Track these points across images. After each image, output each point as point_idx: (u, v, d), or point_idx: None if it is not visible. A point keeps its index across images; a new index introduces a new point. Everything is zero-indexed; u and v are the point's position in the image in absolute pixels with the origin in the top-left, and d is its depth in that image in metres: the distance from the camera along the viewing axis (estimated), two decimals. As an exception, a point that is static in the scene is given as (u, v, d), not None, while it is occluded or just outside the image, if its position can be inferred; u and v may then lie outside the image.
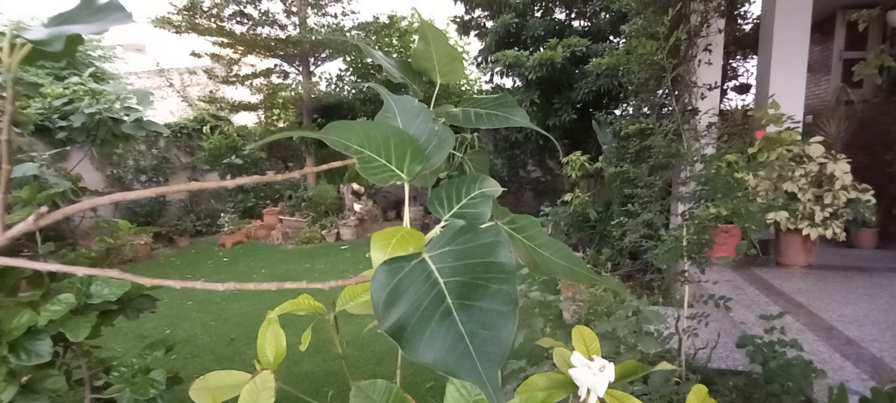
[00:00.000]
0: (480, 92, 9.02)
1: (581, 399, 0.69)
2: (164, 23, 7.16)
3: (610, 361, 0.68)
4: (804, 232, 3.84)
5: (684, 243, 2.35)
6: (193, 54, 7.99)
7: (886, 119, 5.12)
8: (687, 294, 2.44)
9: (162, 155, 8.35)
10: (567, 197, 5.54)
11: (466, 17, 7.93)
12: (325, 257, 6.62)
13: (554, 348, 0.78)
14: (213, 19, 7.29)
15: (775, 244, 4.19)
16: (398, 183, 0.31)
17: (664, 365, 0.68)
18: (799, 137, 4.05)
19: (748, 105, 5.55)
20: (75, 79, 6.88)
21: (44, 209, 0.38)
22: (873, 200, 3.79)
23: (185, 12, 7.09)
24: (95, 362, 1.34)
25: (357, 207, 7.76)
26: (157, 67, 9.53)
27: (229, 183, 0.44)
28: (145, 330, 4.20)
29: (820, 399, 2.07)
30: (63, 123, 6.44)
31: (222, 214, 7.96)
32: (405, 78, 0.59)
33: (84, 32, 0.32)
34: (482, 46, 7.90)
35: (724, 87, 7.20)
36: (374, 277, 0.25)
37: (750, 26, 5.38)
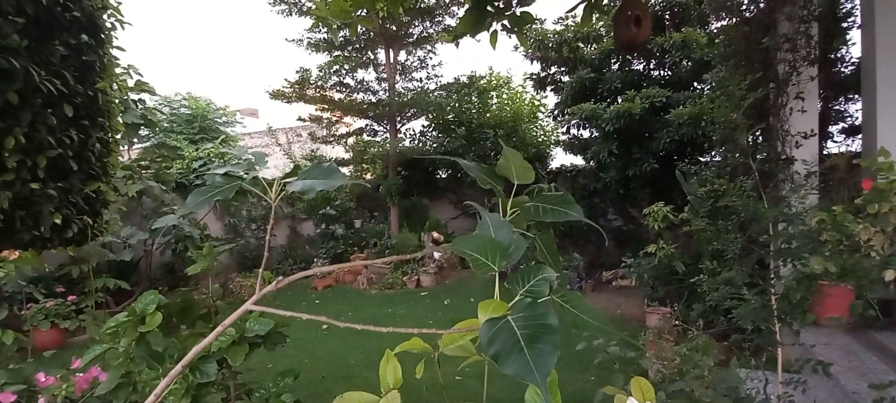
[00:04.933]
0: (557, 142, 9.14)
1: (635, 437, 0.83)
2: (278, 95, 8.38)
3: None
4: (934, 294, 3.40)
5: (773, 303, 2.26)
6: (299, 119, 9.18)
7: None
8: (780, 357, 2.31)
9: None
10: (651, 248, 5.38)
11: (542, 74, 8.23)
12: (406, 303, 6.96)
13: (616, 394, 0.92)
14: (318, 90, 8.38)
15: (899, 306, 3.73)
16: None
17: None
18: (918, 186, 3.66)
19: (856, 149, 5.09)
20: (209, 144, 8.27)
21: (281, 278, 0.65)
22: None
23: (296, 86, 8.26)
24: (239, 384, 1.69)
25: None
26: (268, 128, 10.95)
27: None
28: (251, 364, 4.73)
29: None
30: (198, 182, 7.77)
31: (315, 259, 8.73)
32: (491, 182, 0.83)
33: (322, 188, 0.59)
34: (558, 100, 8.10)
35: (829, 131, 6.63)
36: (482, 328, 0.47)
37: (851, 69, 5.02)
